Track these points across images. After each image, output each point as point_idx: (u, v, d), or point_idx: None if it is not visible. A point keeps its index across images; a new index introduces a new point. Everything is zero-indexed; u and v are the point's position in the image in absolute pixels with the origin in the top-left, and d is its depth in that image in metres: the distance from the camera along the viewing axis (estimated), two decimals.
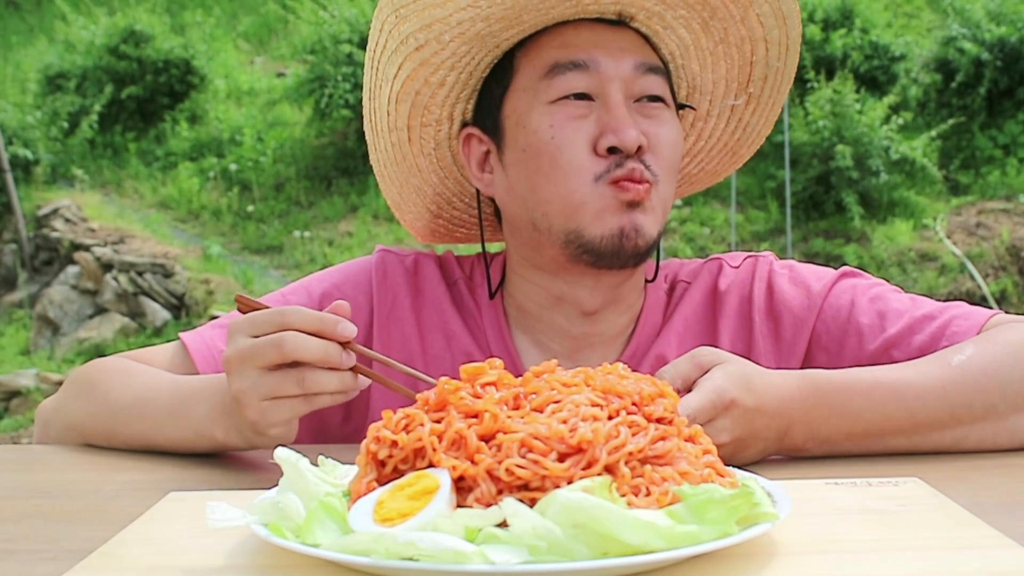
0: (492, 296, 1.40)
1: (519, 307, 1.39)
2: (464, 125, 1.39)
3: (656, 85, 1.30)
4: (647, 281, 1.42)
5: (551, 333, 1.37)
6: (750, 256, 1.43)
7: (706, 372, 1.06)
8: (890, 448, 1.13)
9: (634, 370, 1.33)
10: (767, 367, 1.27)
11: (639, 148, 1.25)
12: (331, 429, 1.38)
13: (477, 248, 1.45)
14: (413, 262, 1.42)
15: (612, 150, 1.24)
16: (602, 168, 1.25)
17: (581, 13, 1.29)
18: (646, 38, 1.34)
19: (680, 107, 1.38)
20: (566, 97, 1.27)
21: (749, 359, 1.31)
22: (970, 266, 7.91)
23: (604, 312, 1.36)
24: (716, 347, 1.35)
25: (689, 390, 1.04)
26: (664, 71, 1.32)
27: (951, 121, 9.29)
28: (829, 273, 1.39)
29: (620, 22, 1.31)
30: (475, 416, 0.76)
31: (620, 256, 1.27)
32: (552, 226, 1.29)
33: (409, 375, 1.05)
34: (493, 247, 1.47)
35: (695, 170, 1.50)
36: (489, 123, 1.34)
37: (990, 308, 1.30)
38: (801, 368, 1.31)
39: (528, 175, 1.29)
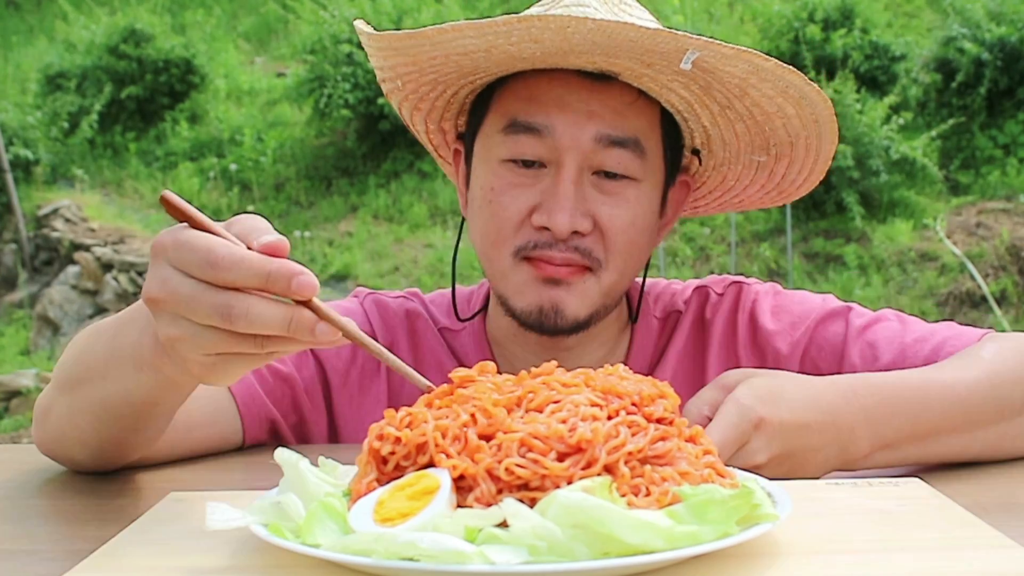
0: (463, 320, 1.39)
1: (495, 339, 1.38)
2: (459, 136, 1.37)
3: (620, 160, 1.21)
4: (632, 321, 1.39)
5: (526, 366, 1.36)
6: (733, 282, 1.40)
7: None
8: (944, 452, 1.09)
9: None
10: None
11: (576, 232, 1.20)
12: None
13: None
14: (403, 309, 1.41)
15: (545, 227, 1.21)
16: (521, 242, 1.22)
17: (551, 66, 1.20)
18: (643, 92, 1.23)
19: (694, 152, 1.33)
20: (515, 160, 1.23)
21: None
22: (970, 266, 7.90)
23: (573, 350, 1.33)
24: (705, 379, 1.31)
25: None
26: (635, 143, 1.22)
27: (951, 121, 9.28)
28: (812, 310, 1.35)
29: (607, 76, 1.21)
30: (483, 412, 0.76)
31: (545, 329, 1.26)
32: (491, 280, 1.29)
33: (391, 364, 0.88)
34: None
35: (735, 201, 1.42)
36: (468, 148, 1.32)
37: (990, 308, 1.30)
38: None
39: (475, 225, 1.29)
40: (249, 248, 0.79)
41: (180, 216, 0.81)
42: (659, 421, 0.78)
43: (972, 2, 9.64)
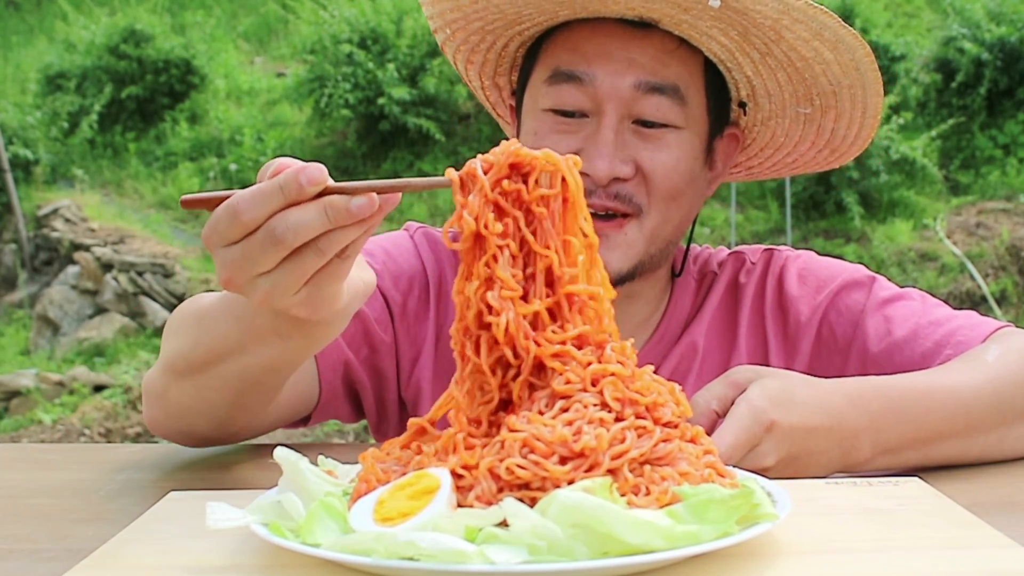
0: None
1: None
2: (514, 92, 1.39)
3: (659, 107, 1.23)
4: (675, 275, 1.41)
5: None
6: (767, 250, 1.43)
7: (743, 392, 1.00)
8: (944, 455, 1.10)
9: (664, 356, 1.33)
10: (778, 364, 1.25)
11: (616, 178, 1.22)
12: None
13: None
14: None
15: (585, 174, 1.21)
16: None
17: (592, 14, 1.22)
18: (686, 41, 1.24)
19: (740, 105, 1.34)
20: (556, 110, 1.25)
21: (767, 355, 1.29)
22: (970, 266, 7.90)
23: (617, 306, 1.33)
24: (736, 340, 1.36)
25: (727, 412, 0.99)
26: (675, 90, 1.23)
27: (951, 121, 9.28)
28: (838, 275, 1.36)
29: (649, 24, 1.22)
30: None
31: None
32: None
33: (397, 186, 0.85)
34: None
35: (790, 161, 1.43)
36: (519, 102, 1.34)
37: (990, 308, 1.30)
38: (808, 368, 1.31)
39: None
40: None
41: (203, 207, 0.85)
42: (666, 424, 0.78)
43: (972, 2, 9.64)
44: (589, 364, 0.77)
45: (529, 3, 1.19)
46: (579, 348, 0.78)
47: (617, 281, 1.25)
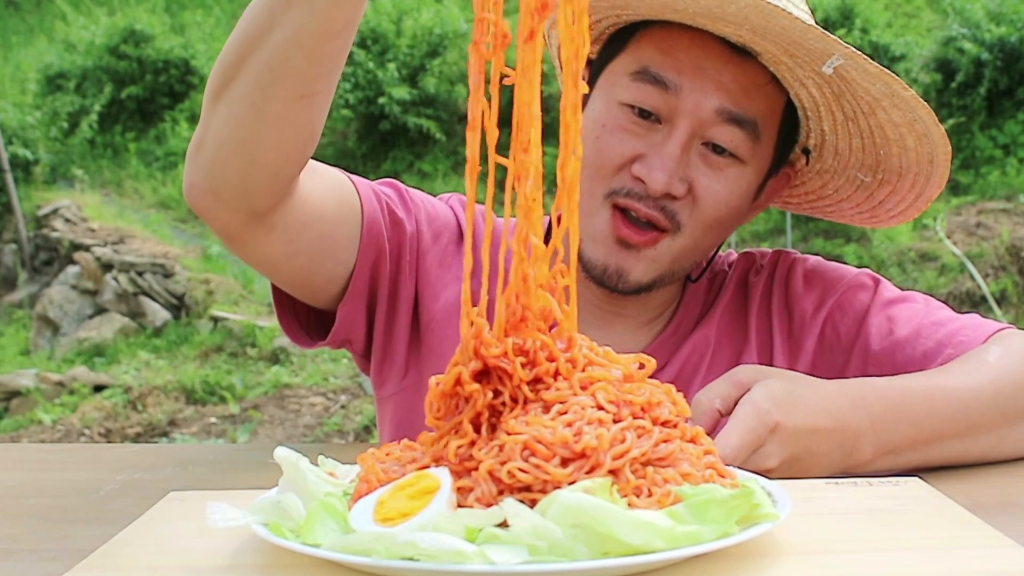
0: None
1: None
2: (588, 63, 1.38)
3: (732, 138, 1.21)
4: (691, 280, 1.41)
5: (584, 305, 1.38)
6: (776, 251, 1.44)
7: (747, 391, 1.00)
8: (945, 456, 1.10)
9: (676, 349, 1.34)
10: (782, 362, 1.25)
11: (668, 194, 1.21)
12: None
13: None
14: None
15: (641, 180, 1.21)
16: (616, 186, 1.22)
17: (700, 26, 1.20)
18: (778, 79, 1.23)
19: (804, 151, 1.35)
20: (633, 107, 1.22)
21: (772, 352, 1.30)
22: (970, 266, 7.90)
23: (628, 307, 1.35)
24: (748, 335, 1.36)
25: (730, 412, 1.00)
26: (753, 125, 1.22)
27: (951, 121, 9.28)
28: (844, 276, 1.37)
29: (747, 52, 1.21)
30: None
31: (604, 286, 1.27)
32: None
33: None
34: None
35: (828, 210, 1.45)
36: (592, 78, 1.31)
37: (990, 308, 1.30)
38: (811, 366, 1.32)
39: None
40: None
41: None
42: (664, 424, 0.78)
43: (972, 2, 9.64)
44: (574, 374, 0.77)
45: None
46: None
47: (634, 292, 1.27)
